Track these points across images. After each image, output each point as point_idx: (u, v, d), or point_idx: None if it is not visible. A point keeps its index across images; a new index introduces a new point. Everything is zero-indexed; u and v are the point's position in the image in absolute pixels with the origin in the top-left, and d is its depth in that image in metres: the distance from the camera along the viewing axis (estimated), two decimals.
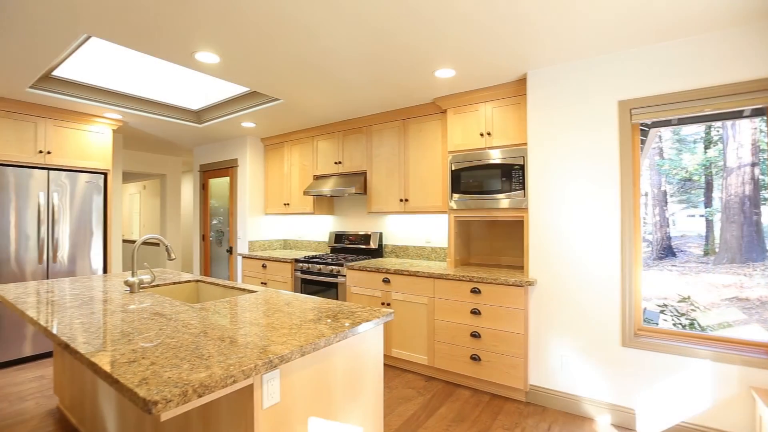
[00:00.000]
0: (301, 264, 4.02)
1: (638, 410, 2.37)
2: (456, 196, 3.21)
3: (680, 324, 2.98)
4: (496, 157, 3.01)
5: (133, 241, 7.68)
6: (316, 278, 3.88)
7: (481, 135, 3.11)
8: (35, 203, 3.55)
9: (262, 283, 4.47)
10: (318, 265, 3.86)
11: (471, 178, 3.12)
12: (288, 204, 4.74)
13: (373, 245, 4.14)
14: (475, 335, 2.86)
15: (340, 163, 4.20)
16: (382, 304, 3.38)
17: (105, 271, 4.03)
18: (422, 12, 1.99)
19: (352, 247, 4.32)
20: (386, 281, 3.35)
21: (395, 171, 3.75)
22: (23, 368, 3.37)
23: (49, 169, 3.66)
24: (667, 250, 3.30)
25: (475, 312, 2.86)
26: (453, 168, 3.23)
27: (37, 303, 1.94)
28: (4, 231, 3.38)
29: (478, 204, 3.09)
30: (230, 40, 2.32)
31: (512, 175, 2.92)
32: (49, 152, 3.64)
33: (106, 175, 4.03)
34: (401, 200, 3.70)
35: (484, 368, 2.83)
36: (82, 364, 2.20)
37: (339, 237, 4.46)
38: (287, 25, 2.13)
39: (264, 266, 4.44)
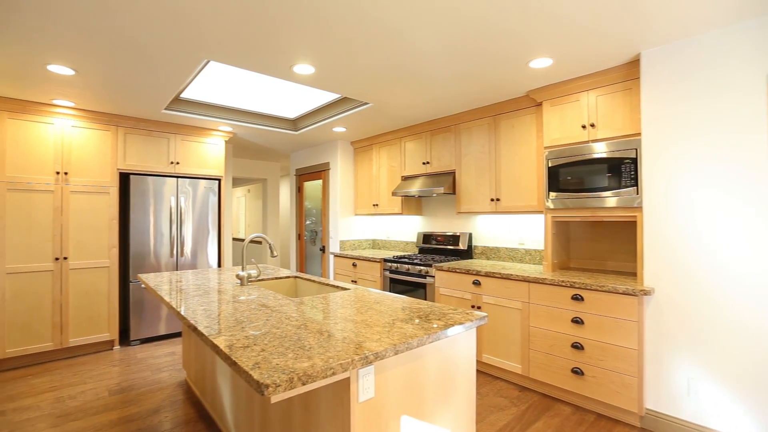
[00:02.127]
0: (389, 264, 4.10)
1: None
2: (553, 194, 2.96)
3: None
4: (600, 150, 2.71)
5: (241, 239, 8.62)
6: (404, 278, 3.92)
7: (583, 127, 2.83)
8: (168, 206, 4.18)
9: (352, 281, 4.66)
10: (406, 265, 3.89)
11: (570, 175, 2.86)
12: (377, 205, 4.88)
13: (462, 246, 4.04)
14: (576, 346, 2.60)
15: (427, 163, 4.18)
16: (472, 306, 3.27)
17: (219, 265, 4.58)
18: None
19: (441, 248, 4.26)
20: (476, 283, 3.24)
21: (485, 170, 3.61)
22: (159, 344, 4.00)
23: (177, 177, 4.29)
24: None
25: (577, 321, 2.60)
26: (549, 164, 2.99)
27: (170, 290, 2.28)
28: (146, 229, 4.05)
29: (579, 203, 2.81)
30: (324, 51, 2.46)
31: (621, 170, 2.60)
32: (177, 163, 4.27)
33: (219, 180, 4.59)
34: (492, 200, 3.54)
35: (588, 384, 2.56)
36: (205, 344, 2.49)
37: (427, 237, 4.44)
38: (376, 28, 2.18)
39: (354, 265, 4.62)
